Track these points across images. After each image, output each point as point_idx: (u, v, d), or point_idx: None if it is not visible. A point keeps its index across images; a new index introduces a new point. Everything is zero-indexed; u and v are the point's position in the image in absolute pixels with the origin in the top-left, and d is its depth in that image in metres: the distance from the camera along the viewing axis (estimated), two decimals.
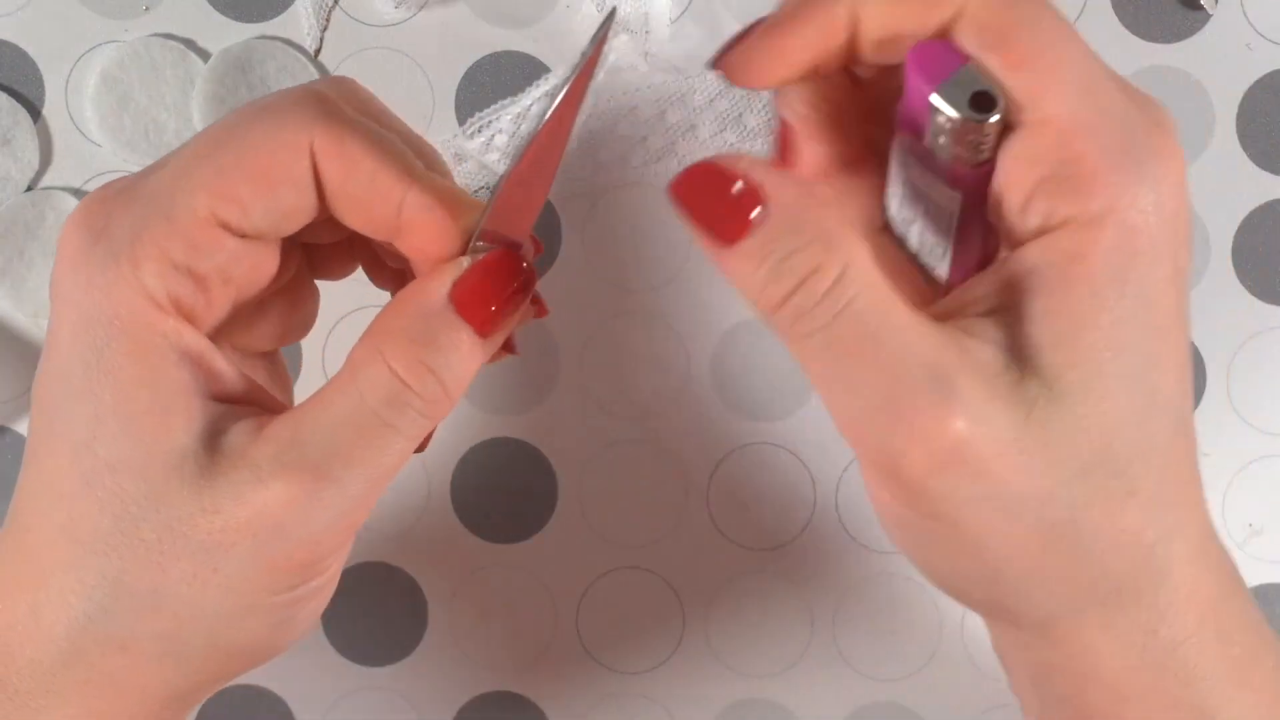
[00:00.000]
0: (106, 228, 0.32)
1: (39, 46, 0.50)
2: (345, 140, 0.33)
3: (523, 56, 0.50)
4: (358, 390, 0.32)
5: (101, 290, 0.31)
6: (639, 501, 0.51)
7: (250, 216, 0.32)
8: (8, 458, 0.50)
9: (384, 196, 0.33)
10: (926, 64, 0.29)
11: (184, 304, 0.32)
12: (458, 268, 0.33)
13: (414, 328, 0.32)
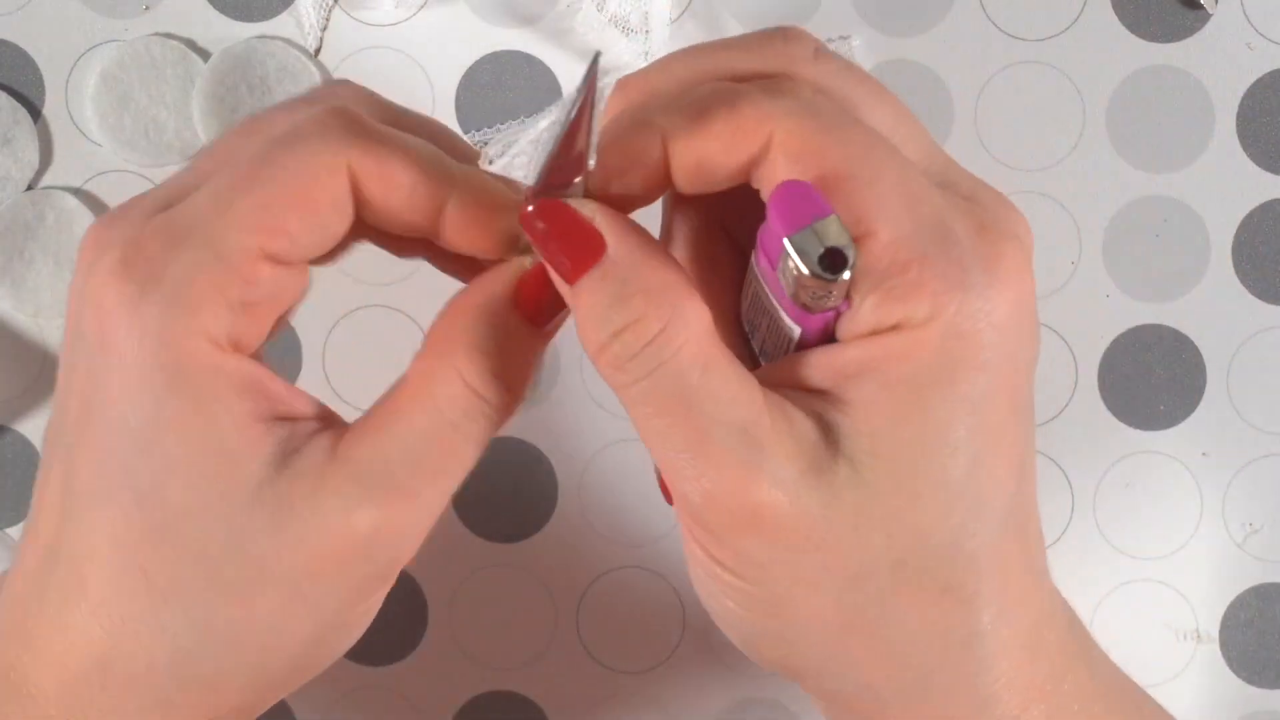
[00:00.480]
0: (153, 275, 0.30)
1: (39, 46, 0.50)
2: (381, 158, 0.32)
3: (523, 56, 0.50)
4: (435, 405, 0.32)
5: (157, 338, 0.30)
6: (640, 500, 0.51)
7: (298, 246, 0.32)
8: (7, 456, 0.50)
9: (424, 206, 0.33)
10: (787, 206, 0.29)
11: (240, 338, 0.32)
12: (519, 268, 0.33)
13: (483, 337, 0.32)
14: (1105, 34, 0.50)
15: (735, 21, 0.50)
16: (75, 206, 0.50)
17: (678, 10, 0.50)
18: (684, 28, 0.50)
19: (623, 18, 0.50)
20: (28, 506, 0.50)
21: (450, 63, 0.50)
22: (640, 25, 0.49)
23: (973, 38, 0.50)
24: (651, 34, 0.49)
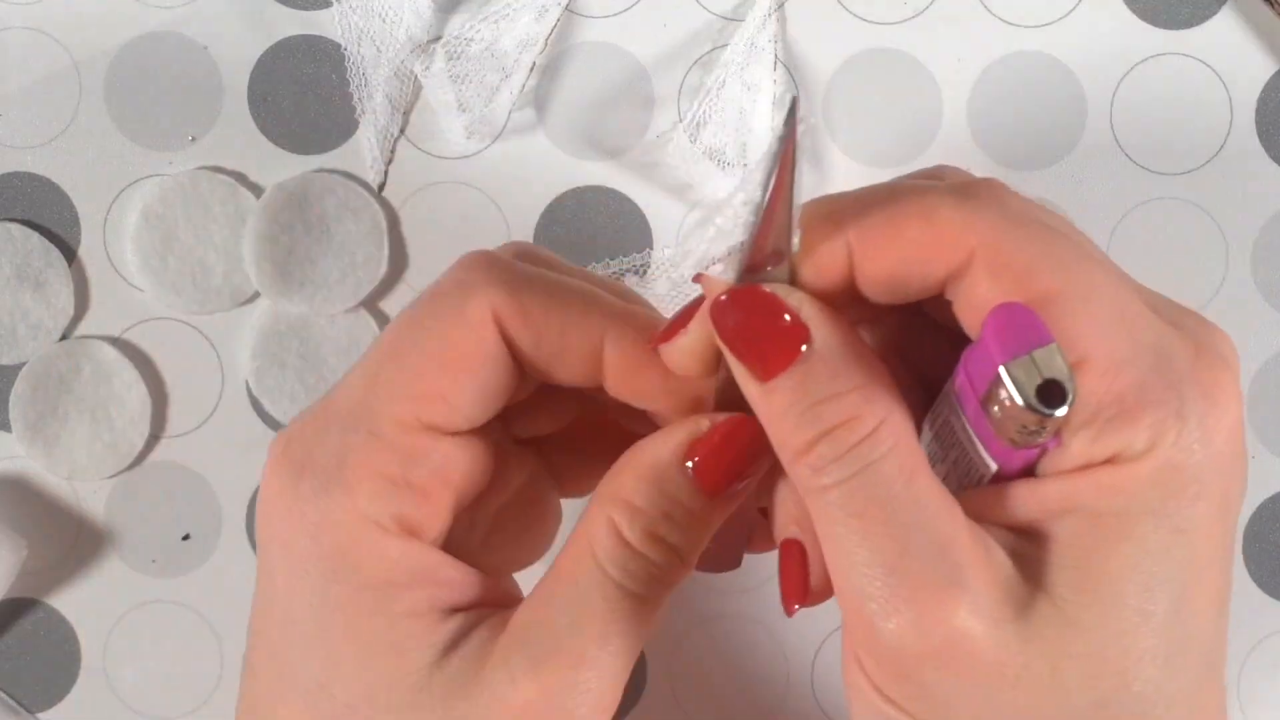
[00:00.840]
0: (309, 458, 0.30)
1: (74, 181, 0.46)
2: (525, 299, 0.31)
3: (608, 191, 0.46)
4: (595, 563, 0.30)
5: (316, 525, 0.30)
6: (735, 683, 0.47)
7: (457, 409, 0.31)
8: (39, 633, 0.46)
9: (580, 344, 0.31)
10: (1006, 331, 0.26)
11: (407, 519, 0.30)
12: (696, 426, 0.31)
13: (644, 494, 0.30)
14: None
15: (842, 154, 0.46)
16: (114, 358, 0.46)
17: None
18: None
19: (718, 149, 0.45)
20: (61, 689, 0.46)
21: (528, 199, 0.46)
22: (737, 157, 0.45)
23: (1105, 171, 0.46)
24: (750, 167, 0.45)
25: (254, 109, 0.46)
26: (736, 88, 0.45)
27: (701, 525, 0.31)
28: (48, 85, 0.46)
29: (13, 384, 0.45)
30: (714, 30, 0.46)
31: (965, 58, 0.46)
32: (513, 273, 0.31)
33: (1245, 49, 0.46)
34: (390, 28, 0.45)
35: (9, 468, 0.46)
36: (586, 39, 0.46)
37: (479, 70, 0.45)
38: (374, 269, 0.46)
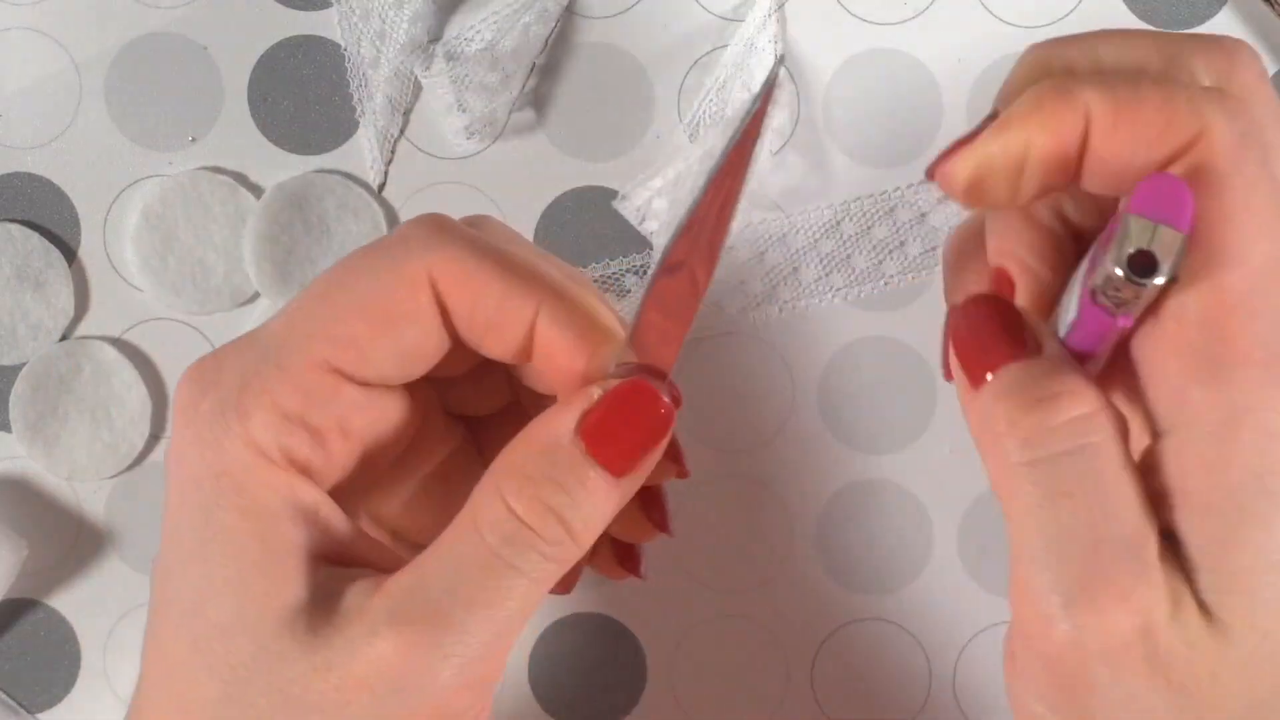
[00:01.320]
0: (217, 379, 0.30)
1: (74, 181, 0.46)
2: (467, 262, 0.31)
3: (608, 192, 0.46)
4: (477, 530, 0.30)
5: (209, 445, 0.30)
6: (736, 683, 0.46)
7: (370, 361, 0.30)
8: (39, 634, 0.46)
9: (515, 317, 0.31)
10: (1153, 191, 0.26)
11: (297, 456, 0.30)
12: (587, 398, 0.30)
13: (536, 464, 0.30)
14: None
15: (842, 154, 0.46)
16: (114, 358, 0.46)
17: (779, 142, 0.46)
18: (786, 160, 0.46)
19: (717, 151, 0.45)
20: (61, 689, 0.46)
21: (528, 199, 0.46)
22: None
23: None
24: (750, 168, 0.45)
25: (254, 109, 0.46)
26: (736, 88, 0.45)
27: (596, 500, 0.30)
28: (48, 85, 0.46)
29: (13, 384, 0.45)
30: (714, 30, 0.46)
31: (965, 58, 0.46)
32: (458, 237, 0.31)
33: None
34: (390, 28, 0.45)
35: (9, 468, 0.46)
36: (586, 39, 0.46)
37: (479, 70, 0.45)
38: None
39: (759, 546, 0.47)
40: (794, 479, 0.46)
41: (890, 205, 0.46)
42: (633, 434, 0.30)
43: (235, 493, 0.30)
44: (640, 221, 0.38)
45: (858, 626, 0.47)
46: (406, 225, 0.32)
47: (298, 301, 0.31)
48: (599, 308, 0.32)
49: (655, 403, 0.31)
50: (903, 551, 0.47)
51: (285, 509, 0.30)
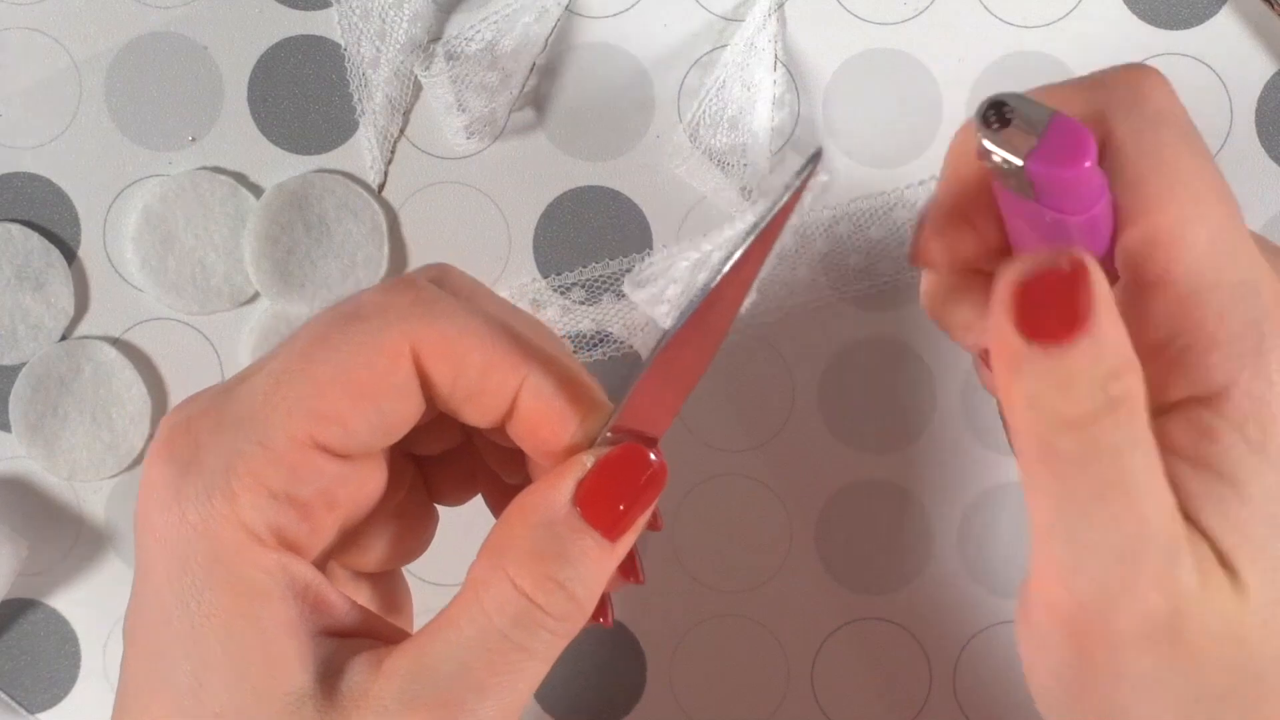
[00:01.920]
0: (196, 458, 0.29)
1: (74, 181, 0.46)
2: (449, 334, 0.30)
3: (609, 192, 0.46)
4: (483, 612, 0.30)
5: (195, 528, 0.29)
6: (736, 683, 0.46)
7: (352, 434, 0.30)
8: (39, 634, 0.46)
9: (498, 388, 0.31)
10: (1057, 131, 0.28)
11: (286, 534, 0.30)
12: (581, 468, 0.30)
13: (538, 539, 0.30)
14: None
15: (842, 154, 0.46)
16: (114, 358, 0.46)
17: (779, 142, 0.46)
18: (786, 160, 0.46)
19: (718, 150, 0.45)
20: (61, 689, 0.46)
21: (528, 199, 0.46)
22: (738, 158, 0.45)
23: None
24: (750, 168, 0.45)
25: (254, 109, 0.46)
26: (736, 88, 0.45)
27: (598, 566, 0.30)
28: (48, 85, 0.46)
29: (13, 384, 0.45)
30: (714, 30, 0.46)
31: (965, 58, 0.46)
32: (438, 305, 0.31)
33: (1245, 49, 0.46)
34: (390, 28, 0.45)
35: (9, 468, 0.46)
36: (586, 39, 0.46)
37: (479, 71, 0.45)
38: (374, 269, 0.46)
39: (759, 546, 0.46)
40: (794, 479, 0.46)
41: (890, 205, 0.46)
42: (627, 497, 0.30)
43: (227, 576, 0.29)
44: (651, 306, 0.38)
45: (858, 626, 0.47)
46: (383, 292, 0.31)
47: (274, 366, 0.30)
48: (585, 377, 0.32)
49: (647, 465, 0.31)
50: (903, 551, 0.47)
51: (277, 588, 0.30)
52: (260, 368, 0.31)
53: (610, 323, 0.46)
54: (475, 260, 0.46)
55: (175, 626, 0.29)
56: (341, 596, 0.31)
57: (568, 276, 0.46)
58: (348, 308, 0.31)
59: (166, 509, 0.29)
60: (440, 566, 0.45)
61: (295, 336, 0.32)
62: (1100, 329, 0.26)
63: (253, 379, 0.31)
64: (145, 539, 0.30)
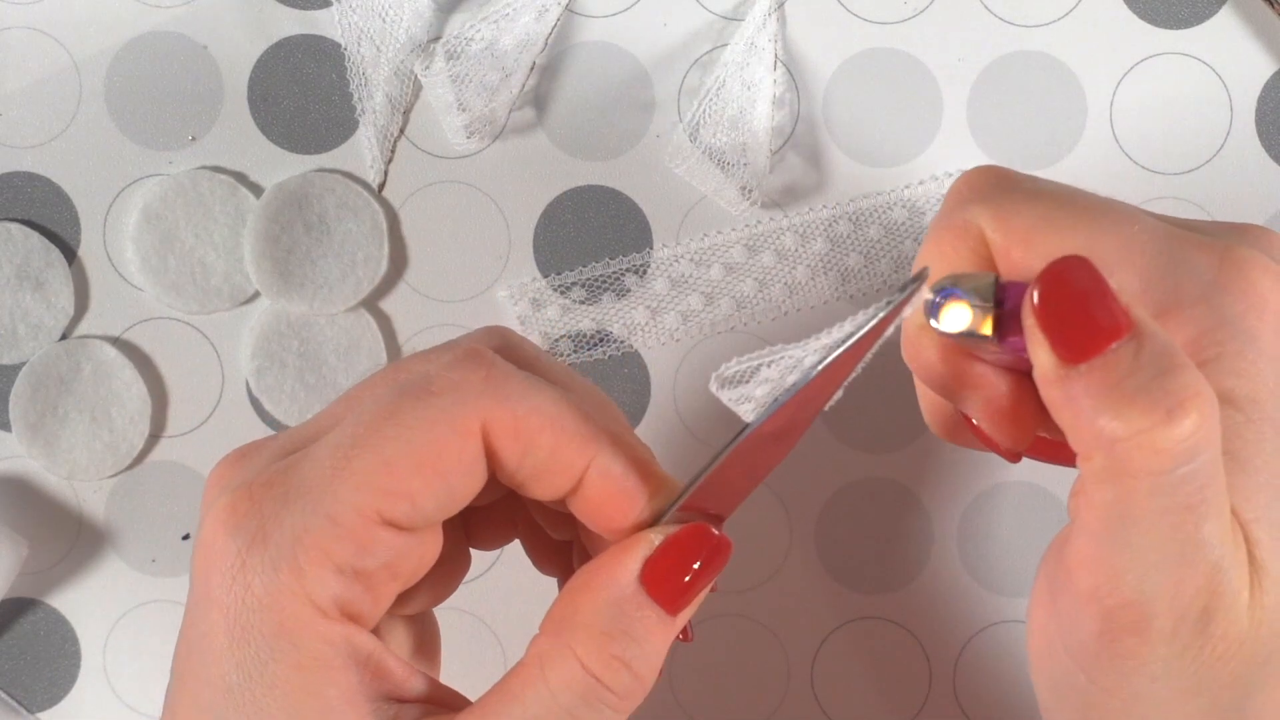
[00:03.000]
0: (261, 529, 0.30)
1: (74, 180, 0.46)
2: (520, 414, 0.30)
3: (609, 191, 0.46)
4: (549, 690, 0.30)
5: (260, 600, 0.29)
6: (736, 683, 0.46)
7: (419, 510, 0.30)
8: (39, 633, 0.46)
9: (566, 468, 0.31)
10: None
11: (350, 607, 0.30)
12: (648, 545, 0.31)
13: (604, 617, 0.30)
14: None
15: (842, 154, 0.46)
16: (114, 357, 0.46)
17: (779, 141, 0.46)
18: (785, 159, 0.46)
19: (718, 150, 0.45)
20: (61, 689, 0.46)
21: (528, 199, 0.46)
22: (738, 158, 0.45)
23: (1105, 171, 0.46)
24: (750, 167, 0.45)
25: (254, 109, 0.46)
26: (736, 87, 0.45)
27: (661, 642, 0.31)
28: (48, 85, 0.46)
29: (13, 384, 0.45)
30: (714, 30, 0.46)
31: (965, 58, 0.46)
32: (510, 382, 0.31)
33: (1245, 49, 0.46)
34: (390, 27, 0.45)
35: (9, 468, 0.46)
36: (586, 39, 0.46)
37: (479, 70, 0.45)
38: (374, 269, 0.46)
39: (760, 546, 0.47)
40: (794, 479, 0.46)
41: (889, 204, 0.46)
42: (691, 574, 0.31)
43: (292, 649, 0.29)
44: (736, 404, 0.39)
45: (858, 626, 0.47)
46: (454, 367, 0.31)
47: (345, 440, 0.30)
48: (650, 455, 0.32)
49: (712, 541, 0.31)
50: (903, 551, 0.47)
51: (339, 659, 0.30)
52: (320, 435, 0.31)
53: (610, 322, 0.46)
54: (475, 260, 0.46)
55: (236, 695, 0.30)
56: (400, 663, 0.31)
57: (568, 276, 0.46)
58: (415, 379, 0.31)
59: (231, 579, 0.30)
60: None
61: (357, 404, 0.32)
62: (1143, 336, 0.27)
63: (317, 450, 0.31)
64: (205, 604, 0.30)
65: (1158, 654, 0.28)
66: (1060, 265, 0.28)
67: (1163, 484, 0.27)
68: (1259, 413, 0.29)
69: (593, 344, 0.46)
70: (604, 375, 0.46)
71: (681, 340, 0.46)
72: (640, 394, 0.46)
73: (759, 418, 0.29)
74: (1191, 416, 0.26)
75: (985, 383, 0.32)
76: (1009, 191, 0.33)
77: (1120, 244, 0.30)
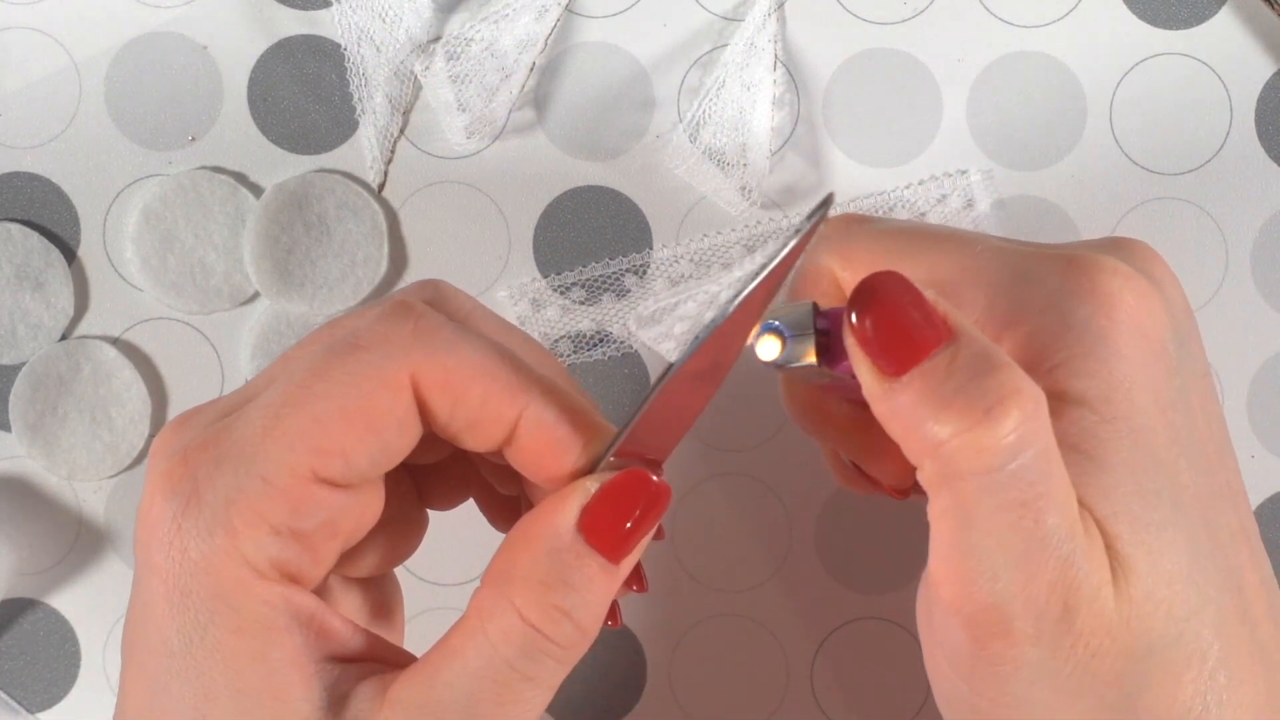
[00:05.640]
0: (196, 492, 0.29)
1: (74, 181, 0.46)
2: (449, 365, 0.30)
3: (609, 192, 0.46)
4: (489, 642, 0.30)
5: (197, 564, 0.29)
6: (736, 683, 0.46)
7: (353, 467, 0.30)
8: (39, 634, 0.46)
9: (497, 417, 0.31)
10: None
11: (289, 566, 0.30)
12: (584, 493, 0.30)
13: (543, 567, 0.30)
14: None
15: (842, 154, 0.46)
16: (114, 357, 0.46)
17: (778, 142, 0.46)
18: (785, 159, 0.46)
19: (718, 150, 0.45)
20: (61, 689, 0.46)
21: (528, 199, 0.46)
22: (737, 158, 0.45)
23: (1104, 171, 0.46)
24: (749, 167, 0.45)
25: (254, 109, 0.46)
26: (736, 88, 0.45)
27: (603, 591, 0.30)
28: (48, 85, 0.46)
29: (13, 384, 0.45)
30: (714, 30, 0.46)
31: (965, 58, 0.46)
32: (439, 334, 0.31)
33: (1245, 49, 0.46)
34: (390, 28, 0.45)
35: (9, 468, 0.46)
36: (586, 39, 0.46)
37: (479, 70, 0.45)
38: (374, 269, 0.46)
39: (759, 546, 0.46)
40: (794, 479, 0.46)
41: (889, 205, 0.46)
42: (631, 520, 0.30)
43: (230, 612, 0.29)
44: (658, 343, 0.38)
45: (858, 626, 0.47)
46: (381, 320, 0.31)
47: (272, 398, 0.30)
48: (585, 403, 0.32)
49: (650, 487, 0.31)
50: (903, 551, 0.47)
51: (281, 620, 0.30)
52: (255, 397, 0.31)
53: (610, 323, 0.46)
54: (475, 260, 0.46)
55: (178, 660, 0.30)
56: (344, 622, 0.31)
57: (568, 276, 0.46)
58: (344, 335, 0.31)
59: (168, 544, 0.29)
60: (434, 564, 0.45)
61: (290, 363, 0.31)
62: (958, 342, 0.27)
63: (249, 411, 0.30)
64: (145, 572, 0.30)
65: (1027, 656, 0.28)
66: (871, 281, 0.28)
67: (992, 482, 0.27)
68: (1111, 411, 0.29)
69: (593, 344, 0.46)
70: (604, 375, 0.46)
71: None
72: (640, 394, 0.46)
73: (683, 355, 0.29)
74: (1012, 414, 0.27)
75: (845, 422, 0.33)
76: (855, 232, 0.34)
77: (963, 266, 0.31)
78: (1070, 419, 0.29)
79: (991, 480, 0.27)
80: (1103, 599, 0.28)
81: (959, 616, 0.29)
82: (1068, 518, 0.28)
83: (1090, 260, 0.31)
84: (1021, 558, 0.27)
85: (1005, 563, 0.28)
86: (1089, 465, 0.29)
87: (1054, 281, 0.31)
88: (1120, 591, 0.28)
